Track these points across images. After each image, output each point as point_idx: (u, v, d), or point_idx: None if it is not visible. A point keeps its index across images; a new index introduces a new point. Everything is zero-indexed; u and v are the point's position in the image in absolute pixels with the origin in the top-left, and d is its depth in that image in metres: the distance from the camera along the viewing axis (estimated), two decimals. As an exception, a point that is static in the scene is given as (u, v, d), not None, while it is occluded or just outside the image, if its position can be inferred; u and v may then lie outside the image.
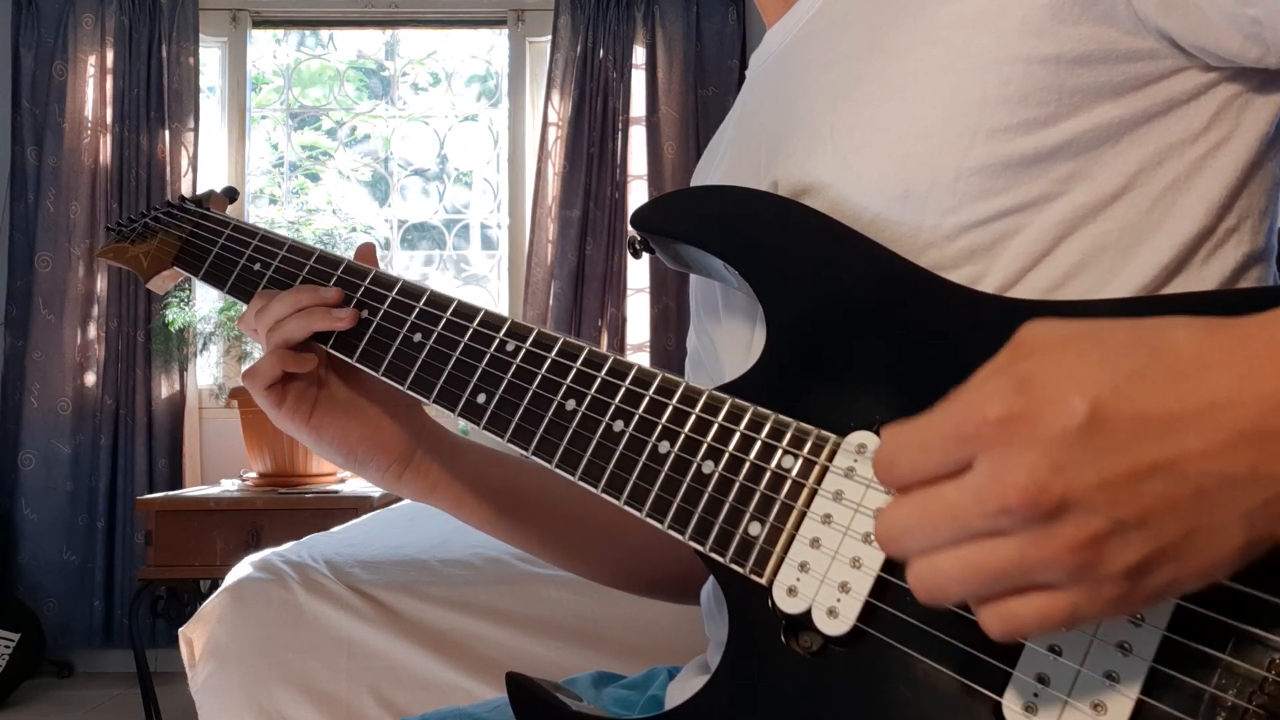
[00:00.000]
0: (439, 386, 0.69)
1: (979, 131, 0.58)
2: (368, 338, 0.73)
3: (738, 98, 0.80)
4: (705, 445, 0.56)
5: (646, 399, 0.60)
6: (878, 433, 0.52)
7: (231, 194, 0.94)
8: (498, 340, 0.67)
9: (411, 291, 0.73)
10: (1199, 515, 0.35)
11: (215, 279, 0.82)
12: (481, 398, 0.66)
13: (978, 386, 0.38)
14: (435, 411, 0.71)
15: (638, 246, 0.69)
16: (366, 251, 0.79)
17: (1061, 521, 0.35)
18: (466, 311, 0.70)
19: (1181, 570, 0.36)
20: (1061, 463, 0.35)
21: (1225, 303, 0.51)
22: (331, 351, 0.74)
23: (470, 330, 0.69)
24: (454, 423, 0.71)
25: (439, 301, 0.71)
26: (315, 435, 0.76)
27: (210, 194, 0.92)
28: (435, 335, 0.70)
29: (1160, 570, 0.36)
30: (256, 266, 0.80)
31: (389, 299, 0.73)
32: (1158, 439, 0.35)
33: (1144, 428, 0.35)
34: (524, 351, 0.66)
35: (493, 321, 0.68)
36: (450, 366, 0.68)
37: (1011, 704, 0.45)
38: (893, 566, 0.49)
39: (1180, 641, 0.42)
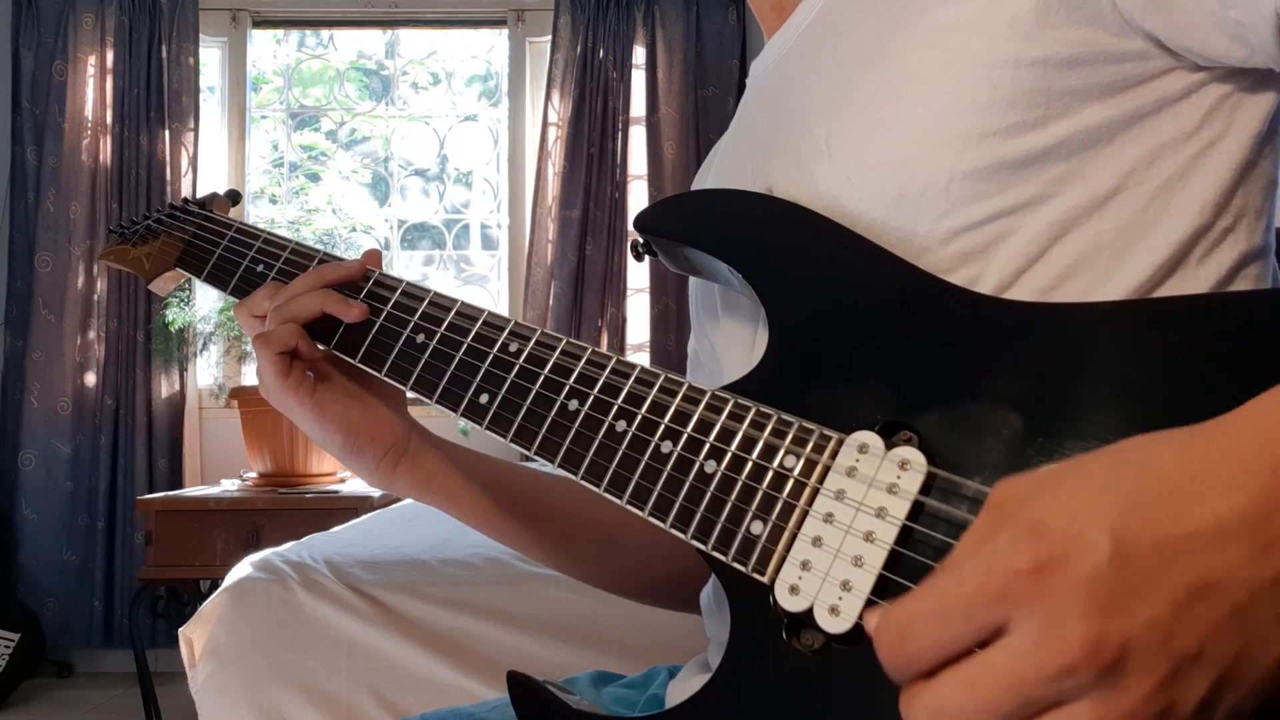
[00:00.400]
0: (441, 387, 0.69)
1: (971, 135, 0.58)
2: (371, 338, 0.73)
3: (739, 106, 0.81)
4: (708, 445, 0.57)
5: (649, 399, 0.60)
6: (879, 432, 0.52)
7: (235, 197, 0.94)
8: (500, 341, 0.68)
9: (414, 293, 0.73)
10: (1244, 630, 0.35)
11: (218, 280, 0.82)
12: (484, 398, 0.67)
13: (984, 544, 0.36)
14: (437, 413, 0.71)
15: (640, 250, 0.69)
16: (373, 257, 0.78)
17: (1128, 673, 0.34)
18: (469, 313, 0.70)
19: (1241, 691, 0.35)
20: (1108, 604, 0.34)
21: (1221, 307, 0.51)
22: (335, 352, 0.75)
23: (473, 331, 0.69)
24: (455, 424, 0.71)
25: (442, 303, 0.72)
26: (318, 413, 0.74)
27: (213, 196, 0.92)
28: (438, 336, 0.70)
29: (1226, 695, 0.35)
30: (259, 268, 0.80)
31: (392, 300, 0.74)
32: (1184, 562, 0.34)
33: (1167, 552, 0.34)
34: (527, 352, 0.66)
35: (495, 322, 0.69)
36: (453, 367, 0.69)
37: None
38: (894, 564, 0.49)
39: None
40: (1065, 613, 0.33)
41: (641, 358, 3.48)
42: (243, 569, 1.64)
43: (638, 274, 3.49)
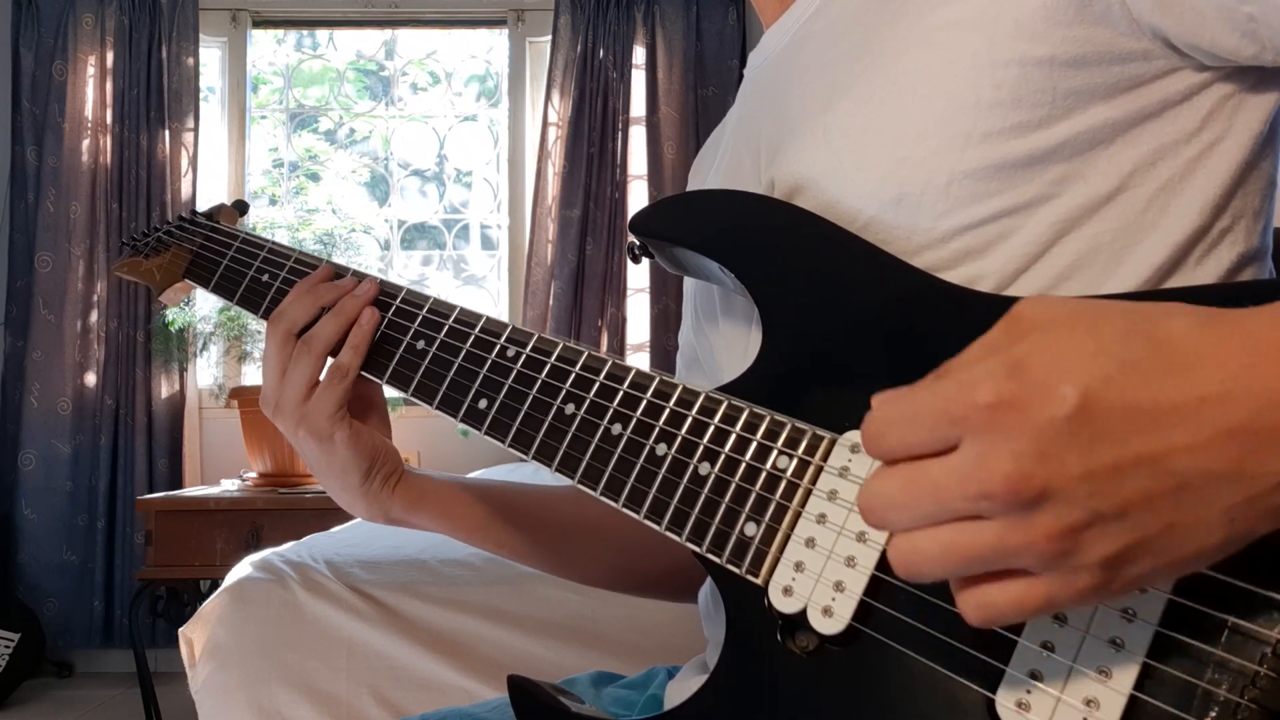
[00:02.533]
0: (441, 393, 0.70)
1: (973, 134, 0.58)
2: (372, 345, 0.74)
3: (736, 98, 0.81)
4: (701, 447, 0.57)
5: (644, 402, 0.60)
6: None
7: (242, 207, 0.95)
8: (498, 346, 0.68)
9: (414, 300, 0.74)
10: (1180, 510, 0.36)
11: (225, 290, 0.83)
12: (483, 403, 0.67)
13: (971, 365, 0.38)
14: (435, 414, 0.72)
15: (637, 252, 0.70)
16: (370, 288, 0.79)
17: (1041, 511, 0.36)
18: (468, 319, 0.71)
19: (1158, 562, 0.37)
20: (1046, 452, 0.35)
21: (1223, 296, 0.51)
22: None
23: (472, 337, 0.70)
24: (453, 427, 0.72)
25: (441, 309, 0.72)
26: (355, 441, 0.74)
27: (221, 207, 0.93)
28: (438, 343, 0.71)
29: (1137, 562, 0.37)
30: (265, 278, 0.81)
31: (393, 307, 0.74)
32: (1145, 433, 0.35)
33: (1132, 420, 0.35)
34: (524, 357, 0.67)
35: (493, 328, 0.69)
36: (452, 373, 0.69)
37: (1005, 701, 0.45)
38: (887, 566, 0.49)
39: (1173, 636, 0.42)
40: (1002, 449, 0.36)
41: (641, 358, 3.49)
42: (243, 569, 1.65)
43: (638, 274, 3.49)
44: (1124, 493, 0.35)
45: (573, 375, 0.64)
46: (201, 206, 0.95)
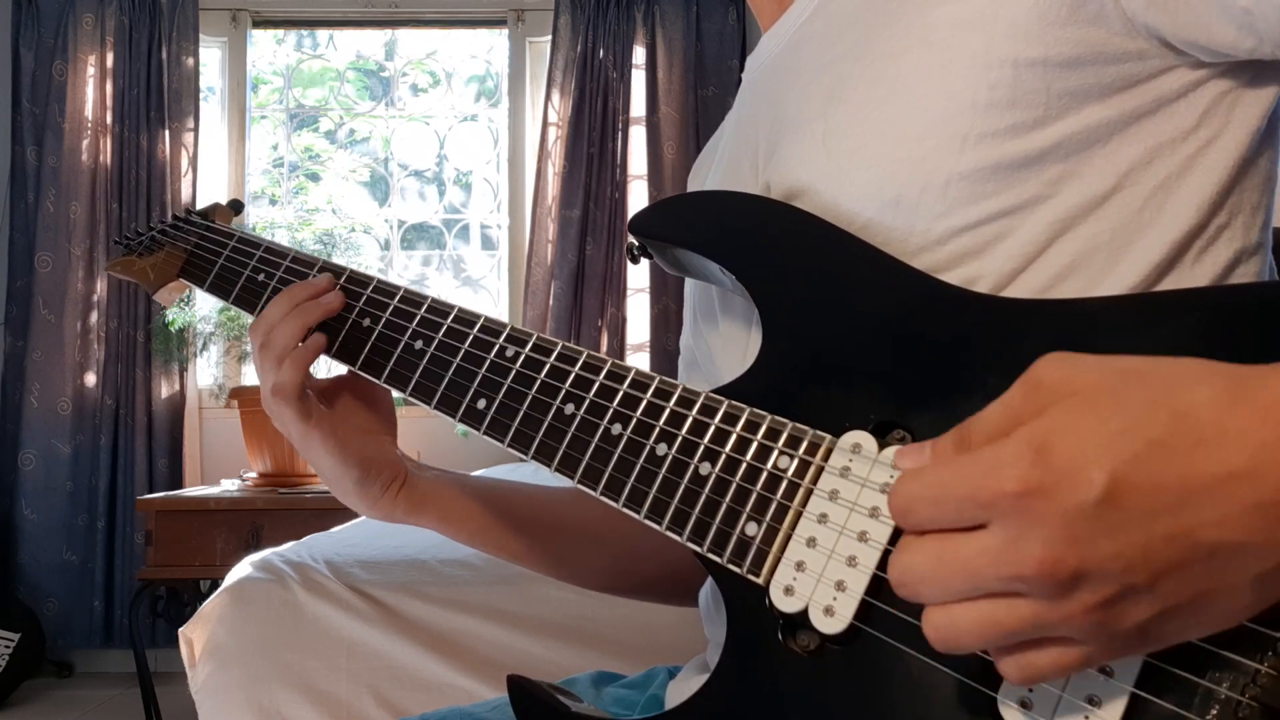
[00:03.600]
0: (440, 393, 0.69)
1: (969, 135, 0.58)
2: (370, 345, 0.74)
3: (735, 100, 0.81)
4: (702, 447, 0.57)
5: (644, 402, 0.60)
6: (873, 431, 0.52)
7: (237, 207, 0.95)
8: (497, 346, 0.68)
9: (412, 299, 0.74)
10: (1210, 578, 0.36)
11: (220, 290, 0.83)
12: (482, 403, 0.67)
13: (994, 438, 0.38)
14: (435, 417, 0.72)
15: (636, 252, 0.70)
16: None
17: (1076, 589, 0.36)
18: (466, 318, 0.70)
19: (1190, 624, 0.38)
20: (1078, 536, 0.36)
21: (1218, 299, 0.51)
22: (334, 359, 0.75)
23: (470, 336, 0.69)
24: (452, 427, 0.72)
25: (439, 309, 0.72)
26: (339, 449, 0.75)
27: (216, 206, 0.93)
28: (436, 342, 0.71)
29: (1171, 624, 0.38)
30: (260, 277, 0.81)
31: (390, 306, 0.74)
32: (1173, 511, 0.36)
33: (1160, 500, 0.36)
34: (523, 357, 0.66)
35: (492, 328, 0.69)
36: (451, 373, 0.69)
37: (1007, 700, 0.45)
38: (888, 565, 0.49)
39: None
40: (1034, 535, 0.36)
41: (641, 358, 3.48)
42: (243, 569, 1.65)
43: (638, 274, 3.49)
44: (1154, 565, 0.36)
45: (572, 375, 0.64)
46: (198, 207, 0.95)
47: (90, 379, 3.43)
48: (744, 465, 0.55)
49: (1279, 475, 0.35)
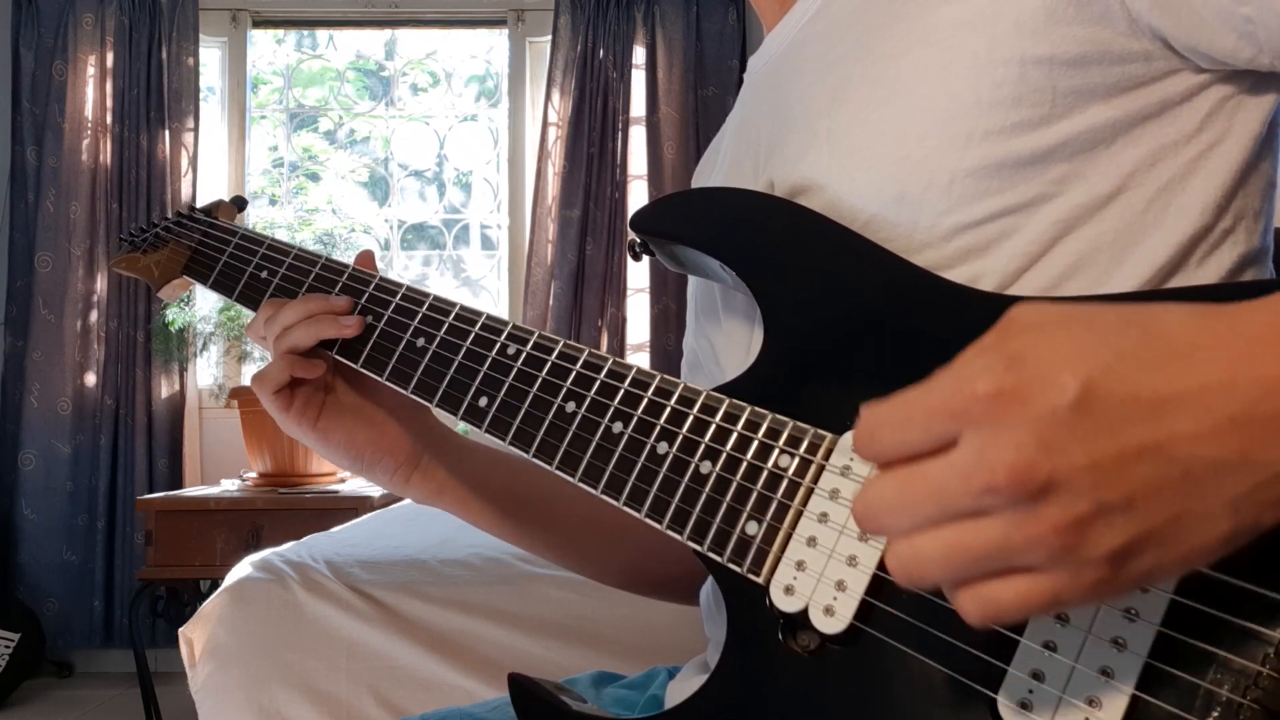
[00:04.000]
0: (441, 390, 0.69)
1: (974, 133, 0.58)
2: (372, 343, 0.74)
3: (737, 100, 0.81)
4: (703, 445, 0.57)
5: (645, 400, 0.60)
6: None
7: (240, 203, 0.95)
8: (499, 344, 0.68)
9: (414, 297, 0.74)
10: (1185, 500, 0.35)
11: (223, 287, 0.83)
12: (483, 401, 0.67)
13: (966, 363, 0.37)
14: (439, 414, 0.72)
15: (638, 249, 0.70)
16: (366, 258, 0.80)
17: (1046, 503, 0.35)
18: (468, 316, 0.71)
19: (1165, 555, 0.36)
20: (1050, 442, 0.35)
21: (1224, 296, 0.51)
22: (337, 357, 0.75)
23: (472, 335, 0.70)
24: (455, 425, 0.72)
25: (441, 307, 0.72)
26: (322, 439, 0.77)
27: (219, 203, 0.93)
28: (438, 340, 0.71)
29: (1144, 555, 0.36)
30: (264, 274, 0.81)
31: (393, 304, 0.74)
32: (1147, 421, 0.35)
33: (1134, 409, 0.35)
34: (525, 355, 0.66)
35: (494, 326, 0.69)
36: (452, 371, 0.69)
37: (1006, 700, 0.45)
38: (889, 565, 0.49)
39: (1175, 636, 0.42)
40: (1006, 440, 0.35)
41: (642, 357, 3.48)
42: (243, 569, 1.65)
43: (638, 274, 3.49)
44: (1129, 482, 0.35)
45: (574, 373, 0.64)
46: (199, 204, 0.95)
47: (90, 379, 3.42)
48: (745, 464, 0.55)
49: (1252, 389, 0.35)
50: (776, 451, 0.54)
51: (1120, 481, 0.35)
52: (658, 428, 0.59)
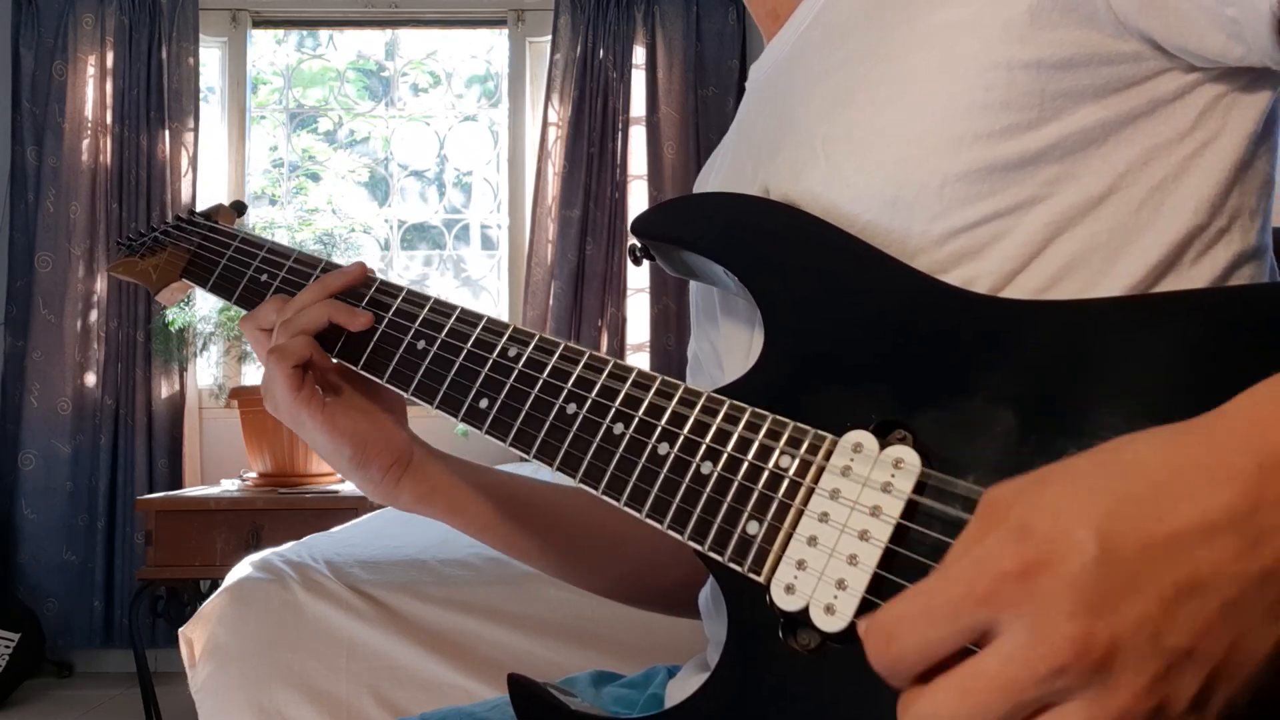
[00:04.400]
0: (442, 392, 0.70)
1: (965, 137, 0.58)
2: (373, 345, 0.74)
3: (740, 108, 0.81)
4: (704, 446, 0.57)
5: (646, 402, 0.60)
6: (874, 431, 0.52)
7: (240, 208, 0.95)
8: (500, 346, 0.68)
9: (415, 299, 0.74)
10: (1234, 625, 0.35)
11: (223, 290, 0.83)
12: (484, 403, 0.67)
13: (972, 547, 0.36)
14: (435, 414, 0.72)
15: (638, 254, 0.70)
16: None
17: (1119, 672, 0.34)
18: (469, 318, 0.71)
19: (1234, 684, 0.35)
20: (1095, 604, 0.34)
21: (1217, 301, 0.51)
22: (338, 359, 0.75)
23: (473, 337, 0.70)
24: (453, 425, 0.72)
25: (442, 309, 0.72)
26: (329, 425, 0.75)
27: (219, 207, 0.93)
28: (438, 342, 0.71)
29: (1219, 691, 0.35)
30: (264, 277, 0.81)
31: (393, 307, 0.74)
32: (1171, 560, 0.34)
33: (1154, 551, 0.34)
34: (525, 357, 0.67)
35: (495, 327, 0.69)
36: (453, 373, 0.69)
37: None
38: (890, 563, 0.49)
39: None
40: (1053, 613, 0.34)
41: (642, 358, 3.49)
42: (243, 569, 1.65)
43: (638, 274, 3.49)
44: (1183, 625, 0.34)
45: (574, 375, 0.64)
46: (199, 207, 0.95)
47: (90, 379, 3.43)
48: (746, 464, 0.55)
49: (1249, 498, 0.35)
50: (777, 452, 0.54)
51: (1175, 627, 0.34)
52: (659, 429, 0.59)
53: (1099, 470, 0.36)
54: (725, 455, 0.56)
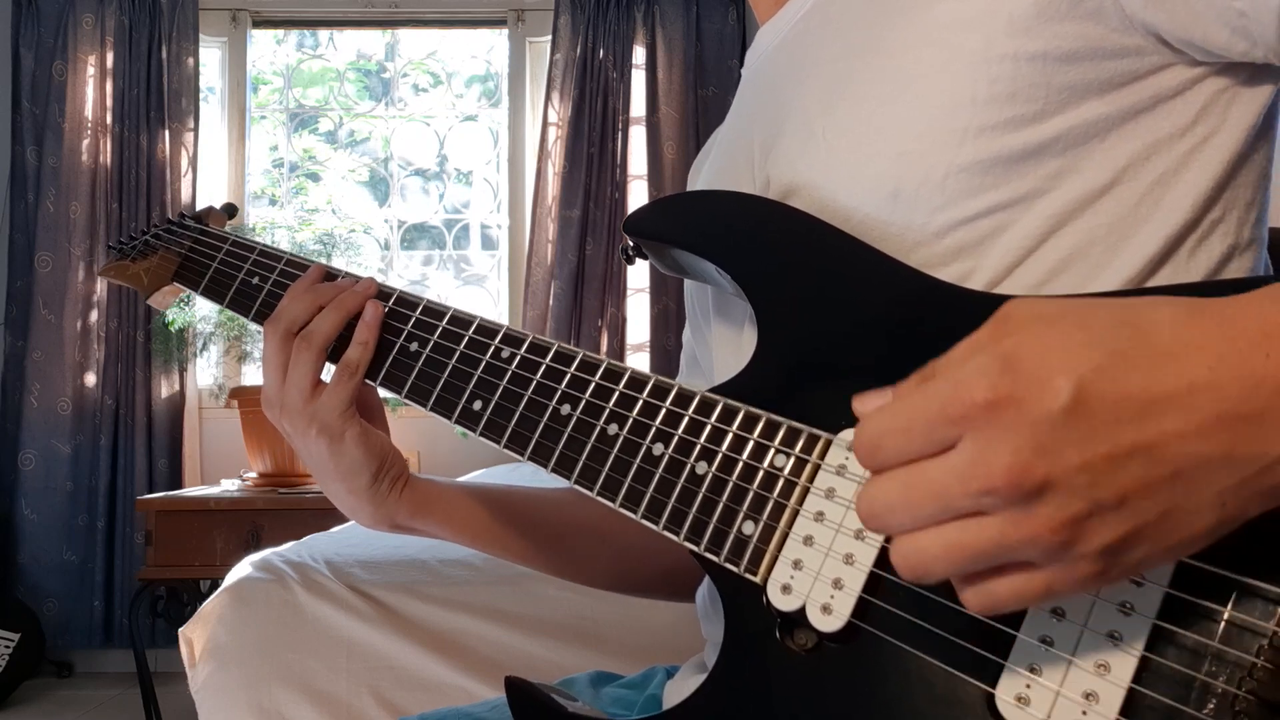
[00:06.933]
0: (435, 394, 0.69)
1: (969, 130, 0.58)
2: None
3: (736, 95, 0.81)
4: (699, 446, 0.57)
5: (640, 402, 0.60)
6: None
7: (231, 210, 0.95)
8: (493, 347, 0.68)
9: (408, 302, 0.74)
10: (1175, 496, 0.36)
11: (214, 293, 0.83)
12: (478, 405, 0.67)
13: (962, 364, 0.38)
14: (434, 417, 0.71)
15: (631, 253, 0.70)
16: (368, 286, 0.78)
17: (1042, 503, 0.36)
18: (462, 320, 0.71)
19: (1154, 548, 0.37)
20: (1045, 445, 0.36)
21: (1213, 293, 0.51)
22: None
23: (465, 338, 0.70)
24: (451, 427, 0.71)
25: (435, 311, 0.72)
26: (365, 441, 0.73)
27: (210, 210, 0.93)
28: (431, 344, 0.71)
29: (1134, 549, 0.37)
30: (255, 280, 0.81)
31: (386, 309, 0.74)
32: (1138, 421, 0.36)
33: (1125, 409, 0.36)
34: (519, 358, 0.67)
35: (488, 329, 0.69)
36: (446, 375, 0.69)
37: (1004, 695, 0.45)
38: (885, 562, 0.49)
39: (1170, 629, 0.42)
40: (1002, 444, 0.36)
41: (641, 357, 3.49)
42: (243, 569, 1.65)
43: (638, 274, 3.49)
44: (1121, 481, 0.36)
45: (568, 376, 0.64)
46: (199, 207, 0.95)
47: (90, 379, 3.43)
48: (740, 464, 0.55)
49: (1239, 387, 0.36)
50: (772, 451, 0.54)
51: (1112, 481, 0.36)
52: (653, 428, 0.59)
53: (1113, 323, 0.38)
54: (720, 455, 0.56)
